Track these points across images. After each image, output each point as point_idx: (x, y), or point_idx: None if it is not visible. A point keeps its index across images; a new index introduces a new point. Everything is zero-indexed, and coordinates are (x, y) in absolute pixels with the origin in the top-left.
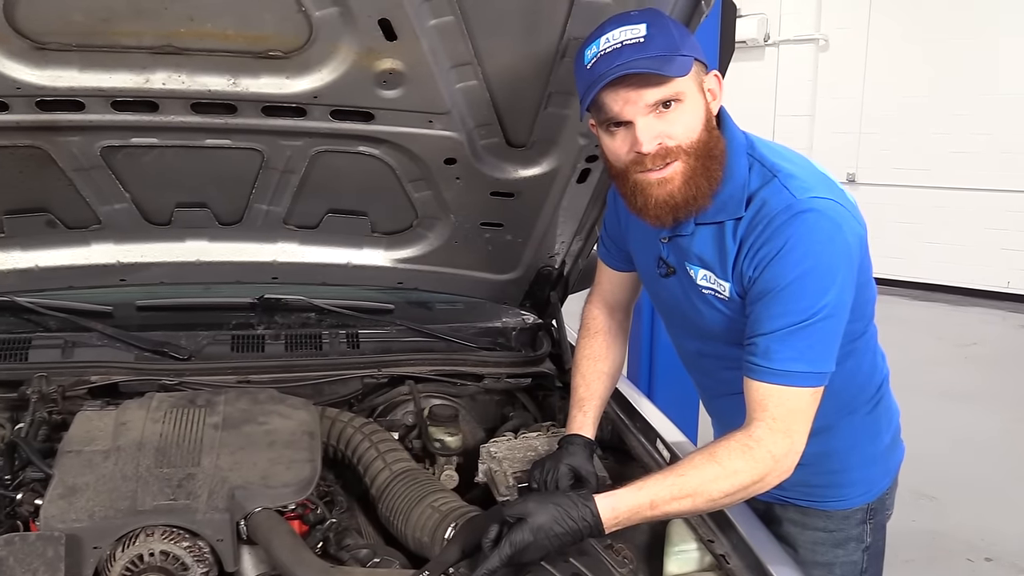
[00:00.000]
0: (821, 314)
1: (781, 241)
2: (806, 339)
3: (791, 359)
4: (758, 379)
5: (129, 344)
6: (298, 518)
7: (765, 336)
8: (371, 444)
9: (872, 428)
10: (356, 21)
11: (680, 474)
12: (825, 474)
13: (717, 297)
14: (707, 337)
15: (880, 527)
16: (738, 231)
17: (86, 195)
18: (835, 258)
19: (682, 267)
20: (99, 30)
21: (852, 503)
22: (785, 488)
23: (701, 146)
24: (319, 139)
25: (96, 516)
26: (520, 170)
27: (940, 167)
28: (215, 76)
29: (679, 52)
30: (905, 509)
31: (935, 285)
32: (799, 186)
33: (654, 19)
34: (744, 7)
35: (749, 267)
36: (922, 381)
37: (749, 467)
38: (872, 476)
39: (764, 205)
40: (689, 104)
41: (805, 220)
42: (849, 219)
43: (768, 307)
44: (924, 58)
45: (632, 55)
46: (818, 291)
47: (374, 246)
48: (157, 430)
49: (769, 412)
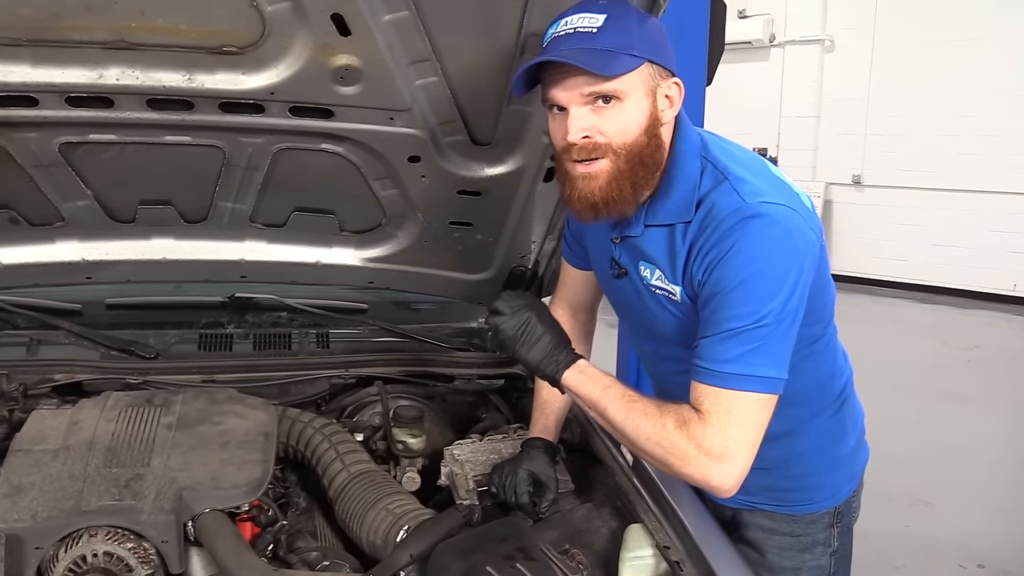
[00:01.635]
0: (766, 319)
1: (728, 245)
2: (747, 343)
3: (728, 361)
4: (696, 378)
5: (96, 342)
6: (250, 520)
7: (707, 338)
8: (330, 445)
9: (837, 431)
10: (309, 16)
11: (636, 397)
12: (791, 478)
13: (669, 299)
14: (661, 339)
15: (847, 530)
16: (688, 234)
17: (47, 192)
18: (783, 264)
19: (635, 268)
20: (49, 24)
21: (818, 507)
22: (751, 493)
23: (634, 149)
24: (280, 136)
25: (39, 516)
26: (486, 168)
27: (947, 169)
28: (170, 72)
29: (628, 51)
30: (899, 514)
31: (940, 288)
32: (749, 190)
33: (617, 12)
34: (749, 8)
35: (698, 270)
36: (923, 384)
37: (675, 435)
38: (838, 480)
39: (713, 208)
40: (630, 104)
41: (753, 225)
42: (801, 224)
43: (713, 311)
44: (930, 59)
45: (577, 43)
46: (763, 297)
47: (343, 245)
48: (110, 429)
49: (705, 407)
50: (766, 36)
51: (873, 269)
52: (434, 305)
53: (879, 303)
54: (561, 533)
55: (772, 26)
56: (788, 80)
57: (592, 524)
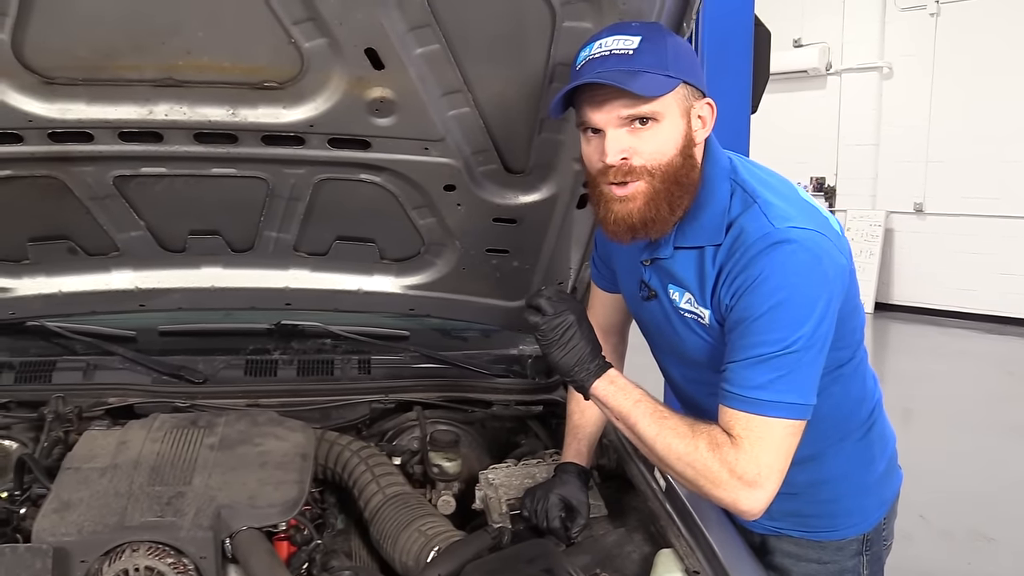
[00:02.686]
0: (795, 346)
1: (757, 271)
2: (777, 369)
3: (758, 387)
4: (726, 404)
5: (148, 368)
6: (287, 539)
7: (735, 363)
8: (367, 468)
9: (865, 455)
10: (344, 51)
11: (667, 413)
12: (817, 503)
13: (698, 322)
14: (690, 362)
15: (877, 559)
16: (717, 257)
17: (103, 223)
18: (812, 290)
19: (664, 290)
20: (103, 64)
21: (846, 533)
22: (777, 518)
23: (670, 170)
24: (320, 167)
25: (84, 531)
26: (520, 196)
27: (1010, 195)
28: (215, 107)
29: (664, 72)
30: (960, 551)
31: (1007, 318)
32: (778, 214)
33: (651, 34)
34: (805, 36)
35: (727, 295)
36: (989, 417)
37: (707, 458)
38: (867, 505)
39: (743, 232)
40: (666, 126)
41: (782, 250)
42: (831, 249)
43: (742, 336)
44: (991, 84)
45: (614, 65)
46: (793, 323)
47: (384, 272)
48: (155, 449)
49: (736, 432)
50: (822, 64)
51: (937, 299)
52: (476, 332)
53: (944, 334)
54: (592, 558)
55: (828, 54)
56: (846, 108)
57: (624, 549)
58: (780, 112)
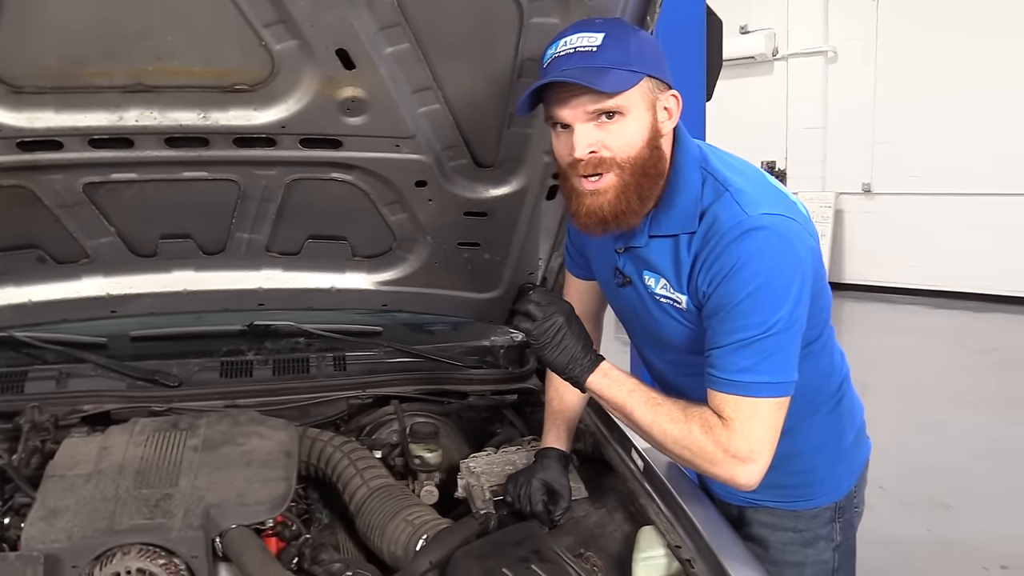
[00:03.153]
0: (776, 328)
1: (733, 259)
2: (760, 352)
3: (745, 370)
4: (715, 388)
5: (122, 373)
6: (275, 535)
7: (720, 349)
8: (350, 462)
9: (835, 427)
10: (315, 52)
11: (661, 399)
12: (792, 474)
13: (674, 307)
14: (666, 345)
15: (849, 525)
16: (692, 245)
17: (73, 230)
18: (787, 274)
19: (639, 277)
20: (72, 72)
21: (820, 502)
22: (755, 491)
23: (639, 162)
24: (292, 167)
25: (74, 536)
26: (491, 190)
27: (956, 173)
28: (185, 111)
29: (627, 67)
30: (920, 518)
31: (956, 292)
32: (749, 201)
33: (614, 31)
34: (751, 22)
35: (704, 282)
36: (943, 389)
37: (702, 439)
38: (838, 475)
39: (716, 220)
40: (632, 119)
41: (756, 237)
42: (800, 232)
43: (723, 322)
44: (936, 65)
45: (578, 63)
46: (771, 306)
47: (356, 270)
48: (138, 453)
49: (727, 414)
50: (769, 50)
51: (887, 277)
52: (446, 326)
53: (895, 310)
54: (576, 538)
55: (775, 40)
56: (793, 92)
57: (606, 528)
58: (730, 98)
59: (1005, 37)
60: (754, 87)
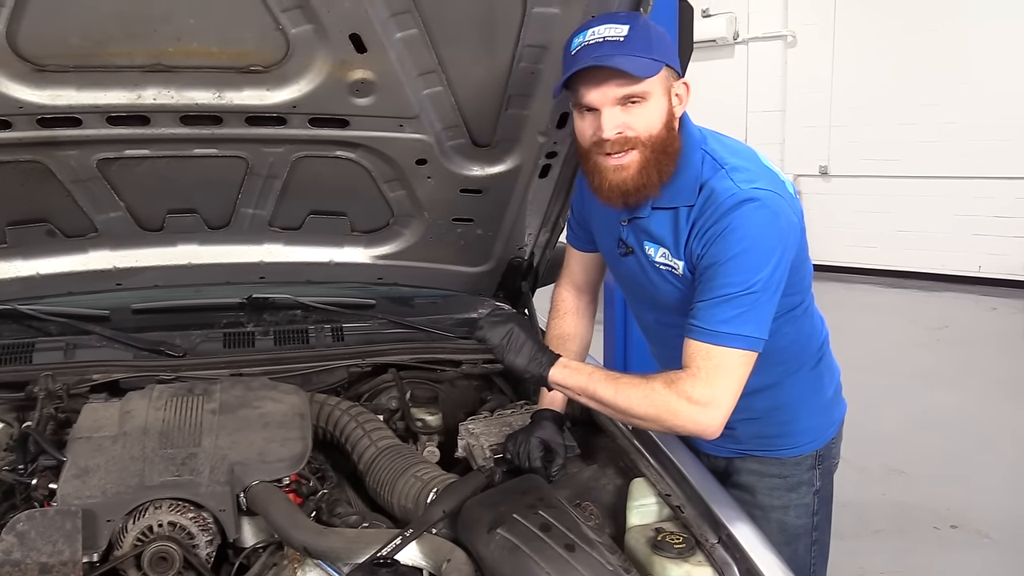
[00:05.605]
0: (754, 288)
1: (724, 224)
2: (737, 307)
3: (721, 321)
4: (690, 336)
5: (127, 344)
6: (293, 491)
7: (704, 302)
8: (358, 424)
9: (816, 383)
10: (329, 36)
11: (619, 376)
12: (777, 424)
13: (672, 273)
14: (663, 308)
15: (828, 473)
16: (691, 215)
17: (83, 205)
18: (770, 242)
19: (640, 246)
20: (95, 52)
21: (802, 450)
22: (743, 441)
23: (658, 142)
24: (299, 145)
25: (109, 492)
26: (486, 168)
27: (910, 157)
28: (202, 90)
29: (651, 56)
30: (876, 483)
31: (909, 272)
32: (743, 178)
33: (636, 23)
34: (712, 6)
35: (698, 246)
36: (896, 364)
37: (665, 393)
38: (819, 425)
39: (713, 193)
40: (653, 103)
41: (747, 207)
42: (785, 208)
43: (709, 279)
44: (891, 50)
45: (609, 50)
46: (752, 268)
47: (354, 244)
48: (160, 416)
49: (696, 363)
50: (730, 34)
51: (843, 257)
52: (428, 299)
53: (850, 289)
54: (572, 491)
55: (735, 24)
56: (753, 76)
57: (599, 482)
58: (692, 81)
59: (959, 23)
60: (715, 70)
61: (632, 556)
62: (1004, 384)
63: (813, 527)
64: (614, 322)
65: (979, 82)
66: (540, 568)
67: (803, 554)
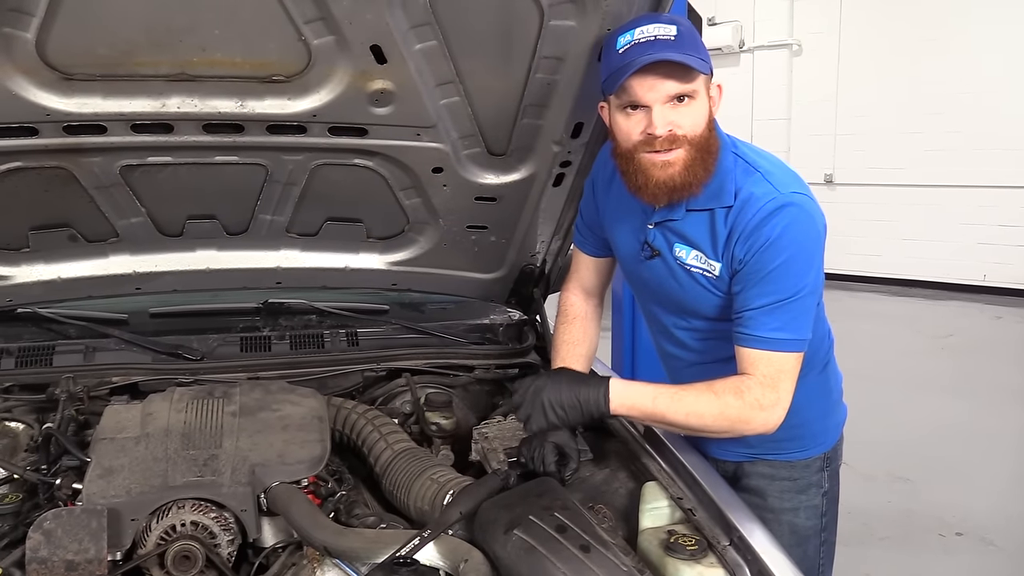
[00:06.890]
0: (802, 292)
1: (769, 230)
2: (789, 312)
3: (777, 328)
4: (747, 345)
5: (146, 348)
6: (312, 493)
7: (754, 310)
8: (374, 427)
9: (824, 386)
10: (350, 47)
11: (682, 391)
12: (788, 428)
13: (705, 275)
14: (687, 311)
15: (835, 474)
16: (729, 218)
17: (105, 210)
18: (812, 245)
19: (670, 249)
20: (121, 61)
21: (811, 453)
22: (754, 445)
23: (703, 140)
24: (318, 153)
25: (133, 492)
26: (501, 176)
27: (915, 165)
28: (224, 99)
29: (700, 56)
30: (881, 491)
31: (913, 280)
32: (779, 181)
33: (681, 23)
34: (718, 15)
35: (741, 251)
36: (900, 372)
37: (738, 405)
38: (827, 427)
39: (751, 196)
40: (699, 102)
41: (788, 212)
42: (818, 211)
43: (757, 286)
44: (896, 59)
45: (662, 49)
46: (799, 273)
47: (369, 250)
48: (181, 418)
49: (759, 371)
50: (735, 42)
51: (848, 265)
52: (441, 305)
53: (855, 298)
54: (585, 495)
55: (741, 32)
56: (759, 84)
57: (611, 486)
58: None
59: (964, 32)
60: (721, 78)
61: (645, 558)
62: (1009, 392)
63: (822, 528)
64: (622, 328)
65: (985, 92)
66: (556, 568)
67: (812, 555)
